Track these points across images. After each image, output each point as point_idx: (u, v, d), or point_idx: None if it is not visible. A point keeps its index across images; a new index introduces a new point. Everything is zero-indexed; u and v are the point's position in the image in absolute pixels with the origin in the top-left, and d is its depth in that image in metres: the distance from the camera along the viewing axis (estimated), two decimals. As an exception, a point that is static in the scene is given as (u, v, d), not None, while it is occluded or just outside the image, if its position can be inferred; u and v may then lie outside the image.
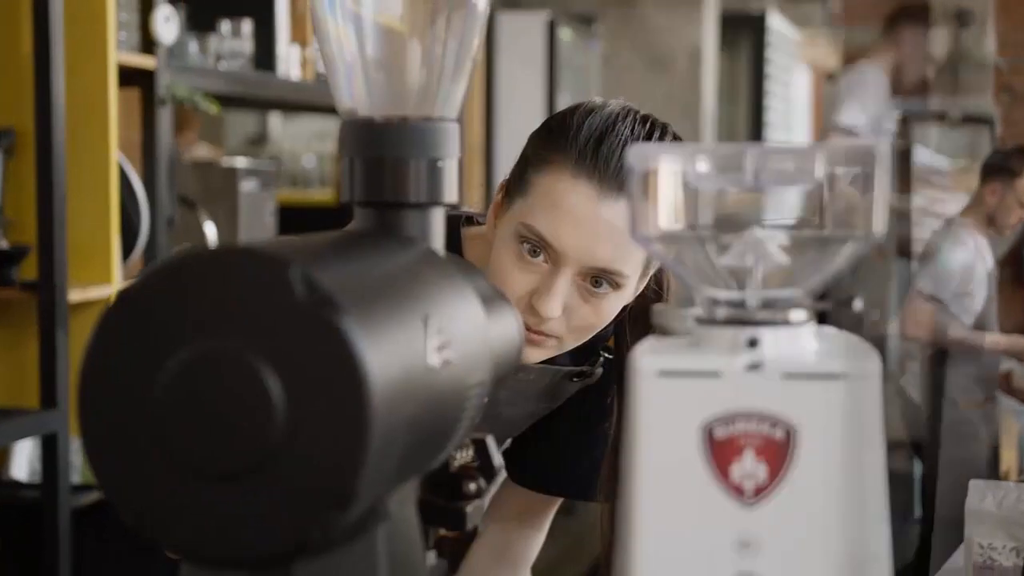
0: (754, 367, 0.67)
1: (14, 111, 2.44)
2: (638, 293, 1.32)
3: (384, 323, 0.63)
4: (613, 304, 1.27)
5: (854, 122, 4.14)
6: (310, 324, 0.59)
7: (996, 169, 4.20)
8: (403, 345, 0.64)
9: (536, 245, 1.23)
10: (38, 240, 2.36)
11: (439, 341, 0.68)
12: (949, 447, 3.88)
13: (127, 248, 2.62)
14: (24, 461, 2.58)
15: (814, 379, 0.66)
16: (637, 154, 0.69)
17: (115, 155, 2.51)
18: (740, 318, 0.69)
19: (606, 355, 1.42)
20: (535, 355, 1.28)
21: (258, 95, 3.23)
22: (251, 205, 3.09)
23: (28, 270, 2.41)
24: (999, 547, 1.81)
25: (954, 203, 4.57)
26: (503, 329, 0.84)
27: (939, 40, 4.34)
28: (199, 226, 2.93)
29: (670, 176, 0.69)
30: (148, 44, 2.67)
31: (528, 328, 1.24)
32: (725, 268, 0.71)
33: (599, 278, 1.24)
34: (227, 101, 3.26)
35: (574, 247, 1.22)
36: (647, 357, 0.68)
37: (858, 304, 4.23)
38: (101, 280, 2.52)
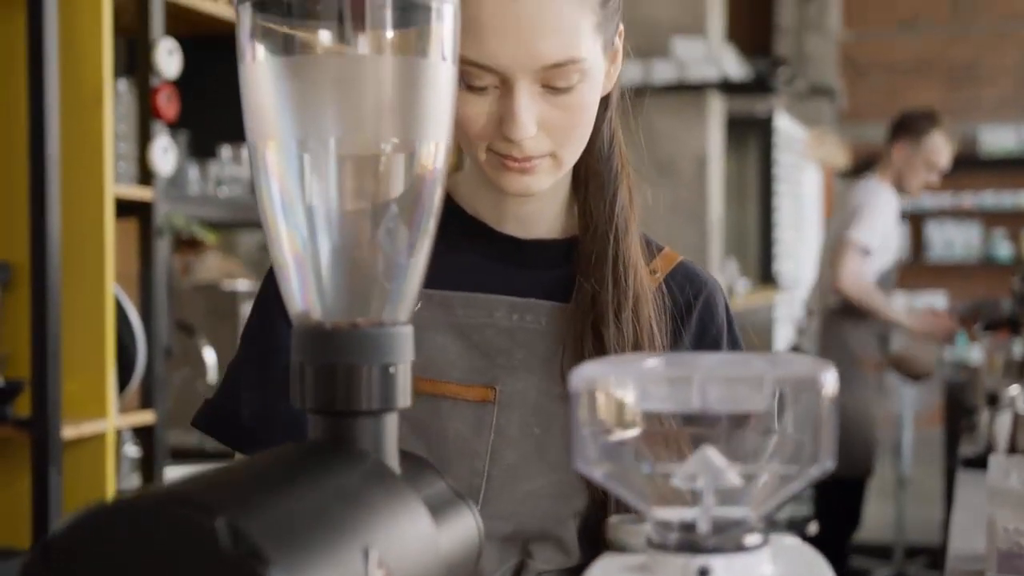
0: (704, 601, 0.64)
1: (10, 245, 2.45)
2: (613, 81, 1.22)
3: (318, 566, 0.61)
4: (587, 95, 1.14)
5: (868, 241, 4.18)
6: (236, 578, 0.57)
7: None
8: (339, 586, 0.62)
9: (474, 75, 1.10)
10: (32, 377, 2.35)
11: (381, 573, 0.66)
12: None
13: (124, 380, 2.61)
14: (17, 600, 2.54)
15: (766, 615, 0.64)
16: (581, 377, 0.68)
17: (111, 288, 2.51)
18: (691, 543, 0.67)
19: None
20: (536, 182, 1.16)
21: (257, 220, 3.24)
22: (252, 328, 3.08)
23: (22, 406, 2.40)
24: (1029, 531, 1.63)
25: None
26: (457, 533, 0.82)
27: (941, 146, 4.37)
28: (198, 352, 2.93)
29: (615, 397, 0.68)
30: (146, 175, 2.68)
31: (514, 159, 1.13)
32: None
33: (557, 81, 1.11)
34: (229, 223, 3.27)
35: (512, 58, 1.09)
36: (594, 588, 0.66)
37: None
38: (96, 415, 2.50)
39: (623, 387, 0.68)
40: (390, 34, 0.76)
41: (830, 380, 0.66)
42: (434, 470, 0.84)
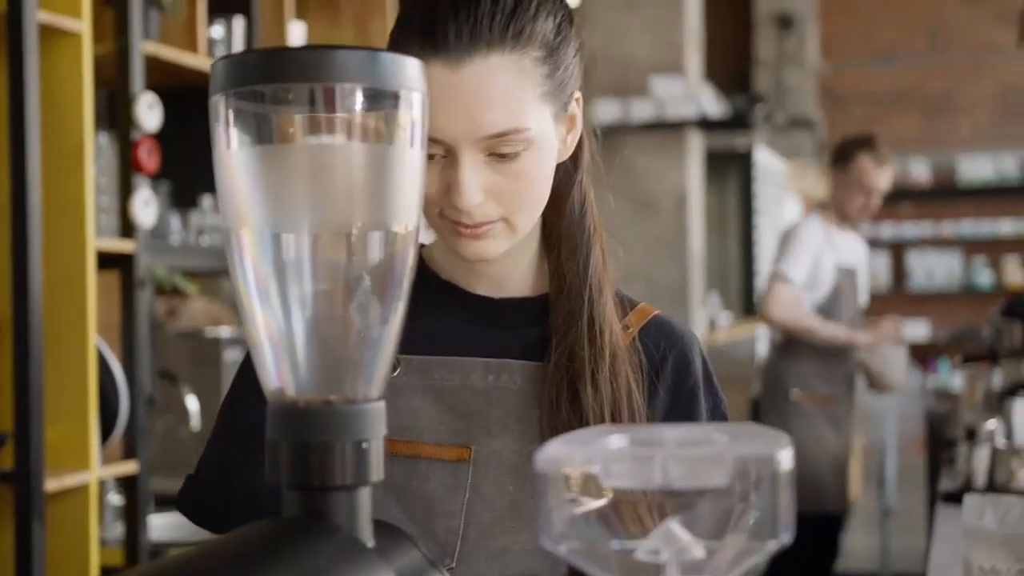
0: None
1: (-8, 299, 2.46)
2: (571, 146, 1.24)
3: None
4: (534, 162, 1.17)
5: (790, 272, 4.20)
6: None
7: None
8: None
9: (429, 147, 1.13)
10: (15, 430, 2.36)
11: (354, 650, 0.68)
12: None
13: (107, 431, 2.62)
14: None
15: None
16: (547, 457, 0.70)
17: (93, 340, 2.52)
18: (657, 617, 0.69)
19: None
20: (491, 247, 1.19)
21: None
22: (235, 374, 3.10)
23: (5, 459, 2.41)
24: (1003, 570, 1.67)
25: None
26: (433, 603, 0.84)
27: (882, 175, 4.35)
28: (181, 401, 2.94)
29: (580, 475, 0.70)
30: (128, 227, 2.70)
31: (465, 225, 1.16)
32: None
33: (501, 149, 1.14)
34: (211, 272, 3.29)
35: (455, 129, 1.12)
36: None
37: None
38: (79, 466, 2.51)
39: (588, 465, 0.70)
40: (360, 122, 0.78)
41: (786, 457, 0.68)
42: (408, 539, 0.86)
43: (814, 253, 4.23)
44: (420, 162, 0.80)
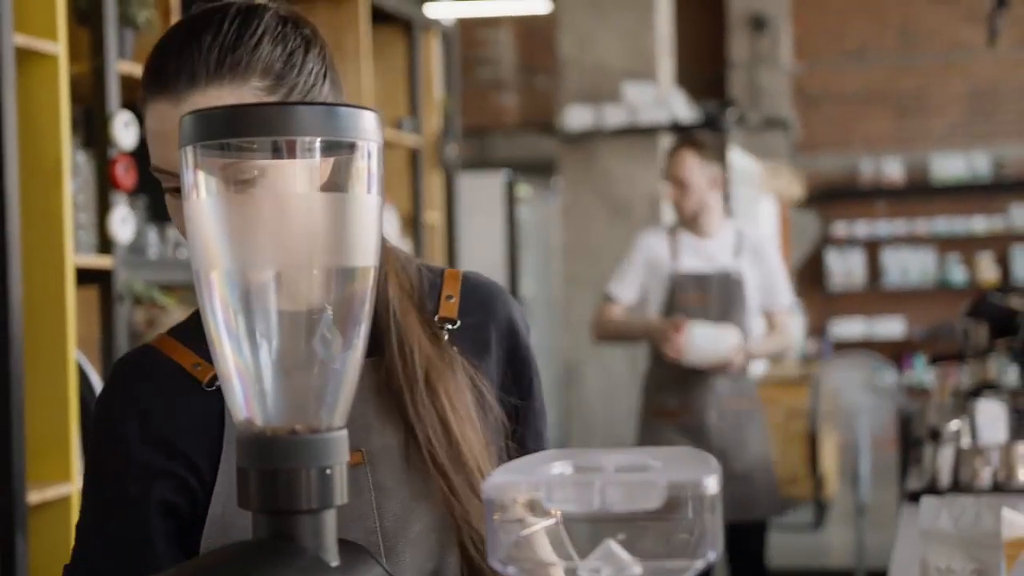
0: None
1: (-27, 316, 2.50)
2: (326, 174, 1.30)
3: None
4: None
5: (612, 290, 4.10)
6: None
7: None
8: None
9: (164, 179, 1.20)
10: (-3, 444, 2.41)
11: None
12: None
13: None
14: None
15: None
16: (493, 485, 0.76)
17: (73, 355, 2.57)
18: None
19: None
20: None
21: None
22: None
23: (-13, 473, 2.46)
24: (958, 569, 1.72)
25: None
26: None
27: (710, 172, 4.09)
28: (160, 412, 2.98)
29: (524, 500, 0.76)
30: (106, 243, 2.75)
31: None
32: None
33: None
34: (189, 285, 3.33)
35: (177, 160, 1.15)
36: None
37: None
38: (60, 479, 2.56)
39: (531, 492, 0.76)
40: (320, 171, 0.84)
41: (713, 481, 0.74)
42: (371, 557, 0.91)
43: (641, 269, 4.06)
44: (377, 205, 0.86)
